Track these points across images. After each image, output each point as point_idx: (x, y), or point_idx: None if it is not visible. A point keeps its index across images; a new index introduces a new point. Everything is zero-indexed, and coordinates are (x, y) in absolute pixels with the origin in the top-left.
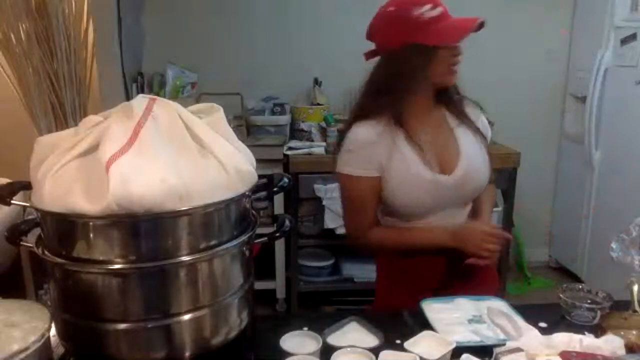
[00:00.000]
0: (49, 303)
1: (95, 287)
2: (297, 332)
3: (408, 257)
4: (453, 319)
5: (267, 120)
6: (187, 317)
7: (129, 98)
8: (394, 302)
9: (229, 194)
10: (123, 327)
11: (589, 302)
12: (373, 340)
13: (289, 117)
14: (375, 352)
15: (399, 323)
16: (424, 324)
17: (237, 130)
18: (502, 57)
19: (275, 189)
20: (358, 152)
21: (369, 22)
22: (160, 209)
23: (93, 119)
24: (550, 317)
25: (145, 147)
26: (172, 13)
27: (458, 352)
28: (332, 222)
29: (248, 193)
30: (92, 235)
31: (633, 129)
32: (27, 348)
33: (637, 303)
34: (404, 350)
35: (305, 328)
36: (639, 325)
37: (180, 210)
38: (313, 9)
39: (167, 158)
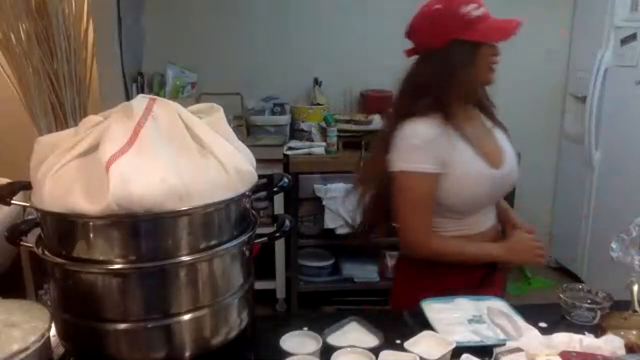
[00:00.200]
0: (49, 303)
1: (95, 287)
2: (297, 332)
3: (444, 267)
4: (453, 319)
5: (267, 120)
6: (187, 317)
7: (129, 98)
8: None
9: (229, 194)
10: (123, 327)
11: (589, 302)
12: (373, 340)
13: (289, 117)
14: (375, 352)
15: (399, 323)
16: (424, 324)
17: (237, 130)
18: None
19: (275, 189)
20: (425, 147)
21: (409, 21)
22: (160, 209)
23: (93, 119)
24: (550, 317)
25: (145, 147)
26: (172, 13)
27: (458, 352)
28: (332, 222)
29: (248, 193)
30: (92, 235)
31: (633, 129)
32: (27, 348)
33: (637, 303)
34: (404, 350)
35: (305, 328)
36: (639, 325)
37: (180, 210)
38: (313, 9)
39: (167, 158)
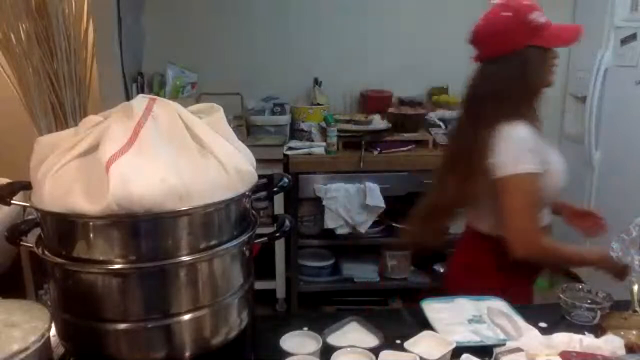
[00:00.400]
0: (49, 303)
1: (95, 287)
2: (297, 332)
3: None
4: (453, 319)
5: (267, 120)
6: (187, 317)
7: (129, 98)
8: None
9: (229, 194)
10: (123, 327)
11: (589, 302)
12: (373, 340)
13: (289, 117)
14: (375, 352)
15: (399, 323)
16: (424, 324)
17: (237, 130)
18: None
19: (275, 189)
20: (532, 148)
21: (474, 27)
22: (160, 209)
23: (93, 119)
24: (550, 317)
25: (145, 147)
26: (172, 13)
27: (458, 352)
28: (332, 222)
29: (248, 193)
30: (92, 235)
31: (633, 129)
32: (27, 348)
33: (637, 303)
34: (404, 350)
35: (305, 328)
36: (639, 325)
37: (180, 210)
38: (313, 9)
39: (167, 158)
